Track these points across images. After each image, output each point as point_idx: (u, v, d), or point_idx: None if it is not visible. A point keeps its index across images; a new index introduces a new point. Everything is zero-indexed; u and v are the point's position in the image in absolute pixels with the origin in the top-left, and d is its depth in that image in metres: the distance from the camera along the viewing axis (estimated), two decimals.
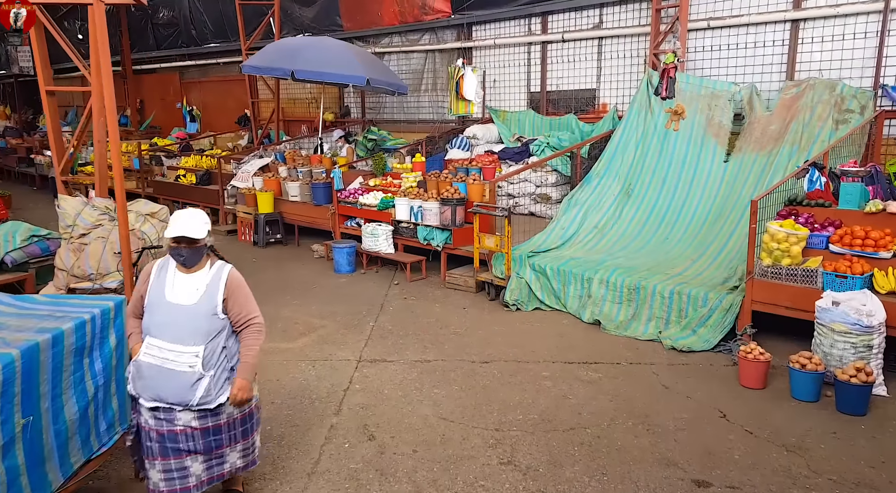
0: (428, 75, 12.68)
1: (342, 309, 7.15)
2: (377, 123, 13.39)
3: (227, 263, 3.45)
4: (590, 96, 10.46)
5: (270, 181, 10.70)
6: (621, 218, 8.14)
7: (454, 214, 8.04)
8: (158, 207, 7.07)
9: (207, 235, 3.28)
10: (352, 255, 8.73)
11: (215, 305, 3.23)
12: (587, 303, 6.78)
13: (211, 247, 3.37)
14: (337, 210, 9.62)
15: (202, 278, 3.29)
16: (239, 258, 9.61)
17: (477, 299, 7.48)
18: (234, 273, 3.38)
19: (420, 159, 9.66)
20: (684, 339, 5.95)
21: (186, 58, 18.45)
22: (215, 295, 3.24)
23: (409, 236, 8.62)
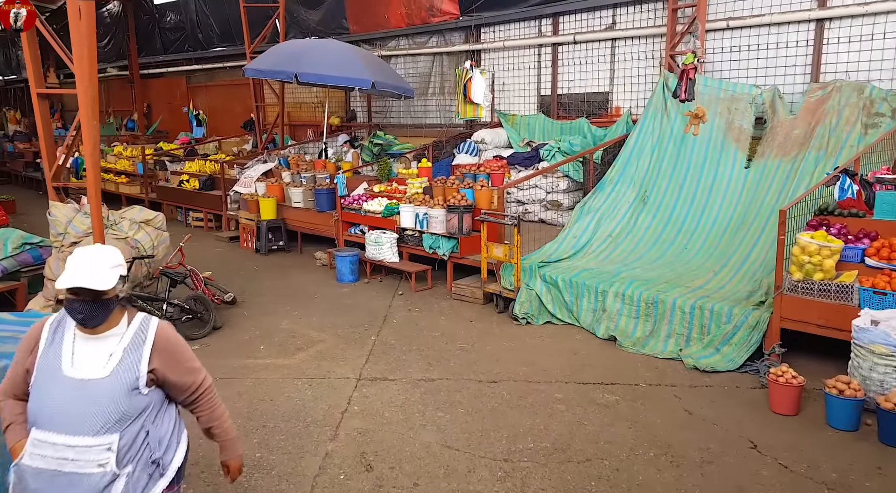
0: (435, 78, 12.36)
1: (343, 321, 6.82)
2: (383, 128, 13.10)
3: (154, 315, 2.64)
4: (602, 100, 10.09)
5: (273, 187, 10.40)
6: (637, 226, 7.77)
7: (461, 221, 7.69)
8: (154, 214, 6.79)
9: (120, 282, 2.33)
10: (355, 263, 8.41)
11: (136, 377, 2.32)
12: (602, 317, 6.41)
13: (128, 298, 2.43)
14: (340, 217, 9.30)
15: (116, 341, 2.35)
16: (240, 266, 9.32)
17: (484, 312, 7.12)
18: (165, 330, 2.45)
19: (426, 165, 9.33)
20: (707, 358, 5.56)
21: (193, 62, 18.29)
22: (137, 364, 2.33)
23: (415, 245, 8.28)
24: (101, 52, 21.83)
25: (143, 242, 6.42)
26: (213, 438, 2.69)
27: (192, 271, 6.97)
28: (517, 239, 6.74)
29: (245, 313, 7.12)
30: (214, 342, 6.22)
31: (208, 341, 6.23)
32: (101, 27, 21.60)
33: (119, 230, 6.32)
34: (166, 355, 2.40)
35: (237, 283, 8.38)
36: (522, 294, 6.78)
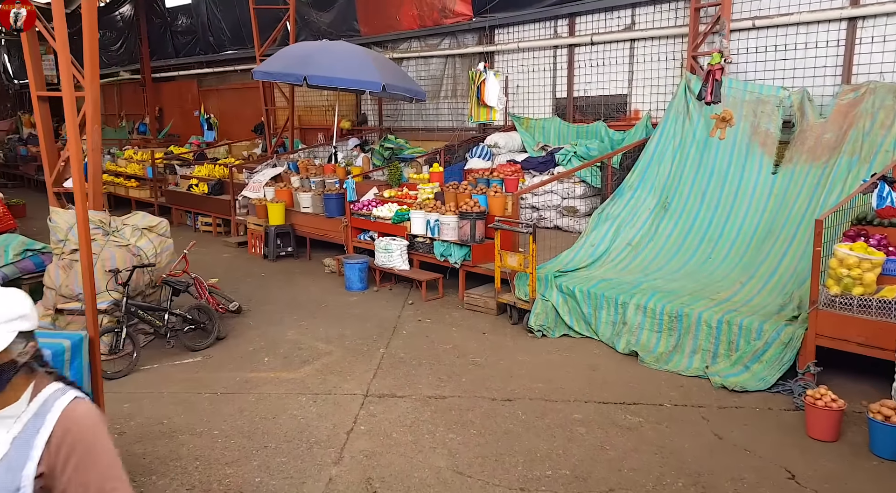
0: (448, 81, 12.11)
1: (351, 332, 6.55)
2: (395, 131, 12.85)
3: (72, 387, 1.72)
4: (621, 102, 9.77)
5: (282, 192, 10.19)
6: (657, 234, 7.44)
7: (473, 229, 7.41)
8: (157, 221, 6.57)
9: (19, 341, 1.64)
10: (364, 271, 8.15)
11: (17, 487, 1.57)
12: (622, 331, 6.09)
13: (33, 360, 1.69)
14: (350, 223, 9.06)
15: (9, 424, 1.63)
16: (248, 273, 9.10)
17: (498, 323, 6.82)
18: (78, 417, 1.64)
19: (437, 169, 9.07)
20: (735, 376, 5.22)
21: (204, 65, 18.19)
22: (21, 465, 1.58)
23: (425, 252, 8.01)
24: (114, 56, 21.85)
25: (146, 250, 6.20)
26: None
27: (196, 279, 6.75)
28: (532, 248, 6.44)
29: (250, 323, 6.88)
30: (217, 354, 5.98)
31: (211, 353, 6.00)
32: (113, 31, 21.63)
33: (121, 237, 6.11)
34: (69, 457, 1.57)
35: (244, 290, 8.15)
36: (538, 305, 6.48)
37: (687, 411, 4.79)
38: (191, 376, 5.46)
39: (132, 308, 5.48)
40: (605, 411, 4.78)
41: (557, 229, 9.06)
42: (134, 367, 5.47)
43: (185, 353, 5.95)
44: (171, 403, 4.92)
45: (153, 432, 4.47)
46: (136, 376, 5.45)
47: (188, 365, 5.69)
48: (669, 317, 5.81)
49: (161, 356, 5.88)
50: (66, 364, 2.94)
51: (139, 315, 5.55)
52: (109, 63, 22.08)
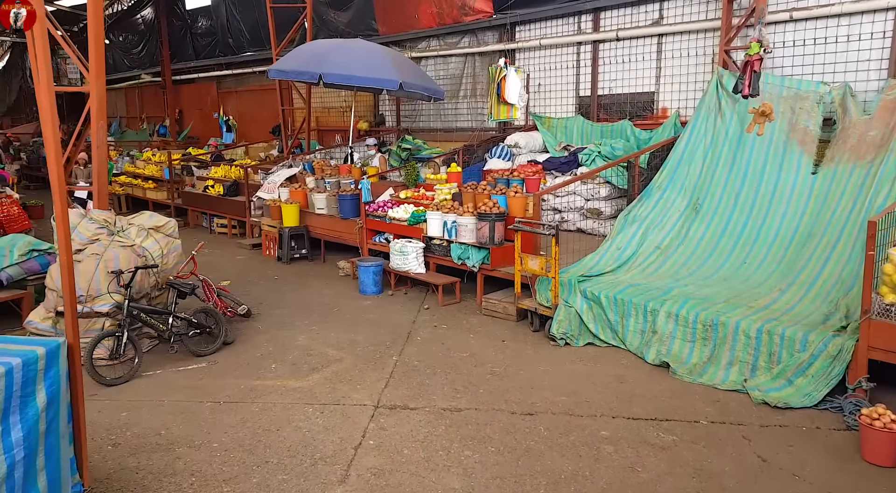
0: (467, 80, 11.80)
1: (364, 338, 6.25)
2: (412, 132, 12.57)
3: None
4: (647, 100, 9.37)
5: (297, 192, 9.95)
6: (688, 238, 7.02)
7: (493, 230, 7.07)
8: (165, 221, 6.34)
9: None
10: (378, 274, 7.84)
11: None
12: (651, 340, 5.69)
13: None
14: (365, 224, 8.77)
15: None
16: (261, 275, 8.86)
17: (518, 330, 6.46)
18: None
19: (455, 169, 8.75)
20: (777, 391, 4.80)
21: (224, 67, 18.13)
22: None
23: (442, 255, 7.69)
24: (136, 59, 21.97)
25: (152, 250, 5.97)
26: None
27: (204, 281, 6.50)
28: (555, 251, 6.08)
29: (260, 327, 6.61)
30: (223, 359, 5.71)
31: (217, 358, 5.73)
32: (135, 34, 21.75)
33: (125, 237, 5.89)
34: None
35: (255, 293, 7.91)
36: (561, 312, 6.11)
37: (725, 429, 4.38)
38: (194, 382, 5.19)
39: (134, 311, 5.24)
40: (635, 427, 4.40)
41: (581, 232, 8.69)
42: (135, 373, 5.22)
43: (189, 358, 5.69)
44: (170, 412, 4.65)
45: (149, 444, 4.20)
46: (137, 382, 5.20)
47: (192, 371, 5.43)
48: (704, 326, 5.40)
49: (165, 362, 5.63)
50: (39, 374, 2.67)
51: (141, 319, 5.30)
52: (131, 66, 22.23)
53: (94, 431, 4.35)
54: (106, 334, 5.09)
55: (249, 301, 7.43)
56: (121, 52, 22.69)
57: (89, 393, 4.93)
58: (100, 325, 5.44)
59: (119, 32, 22.46)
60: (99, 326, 5.44)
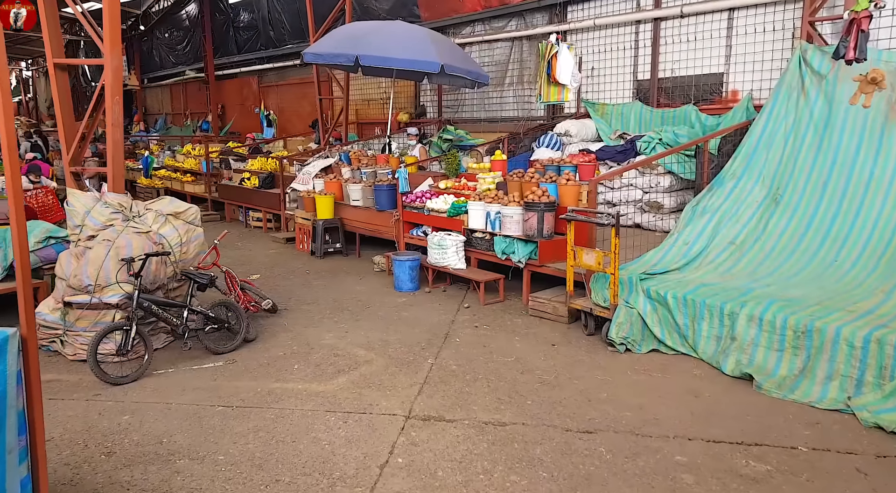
0: (514, 66, 11.10)
1: (397, 338, 5.63)
2: (455, 123, 11.93)
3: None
4: (715, 82, 8.48)
5: (331, 183, 9.44)
6: (767, 232, 6.15)
7: (541, 221, 6.35)
8: (185, 207, 5.87)
9: None
10: (415, 269, 7.22)
11: None
12: (729, 348, 4.88)
13: None
14: (402, 216, 8.17)
15: None
16: (292, 270, 8.36)
17: (570, 333, 5.73)
18: None
19: (500, 157, 8.05)
20: (891, 413, 3.94)
21: (265, 61, 17.91)
22: None
23: (485, 249, 7.01)
24: (181, 55, 22.05)
25: (170, 238, 5.50)
26: None
27: (227, 272, 6.00)
28: (614, 243, 5.32)
29: (285, 324, 6.07)
30: (242, 358, 5.18)
31: (235, 356, 5.20)
32: (180, 30, 21.83)
33: (141, 223, 5.43)
34: None
35: (284, 288, 7.40)
36: (621, 313, 5.35)
37: (832, 458, 3.56)
38: (207, 383, 4.66)
39: (145, 303, 4.75)
40: (717, 453, 3.63)
41: (637, 227, 7.88)
42: (145, 371, 4.73)
43: (206, 356, 5.18)
44: (176, 417, 4.12)
45: (147, 453, 3.66)
46: (146, 381, 4.70)
47: (207, 371, 4.91)
48: (795, 332, 4.56)
49: (179, 359, 5.13)
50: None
51: (153, 311, 4.81)
52: (176, 62, 22.34)
53: (89, 437, 3.85)
54: (112, 328, 4.62)
55: (277, 296, 6.93)
56: (166, 50, 22.86)
57: (92, 393, 4.47)
58: (110, 317, 4.98)
59: (165, 29, 22.63)
60: (109, 318, 4.98)
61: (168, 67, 22.80)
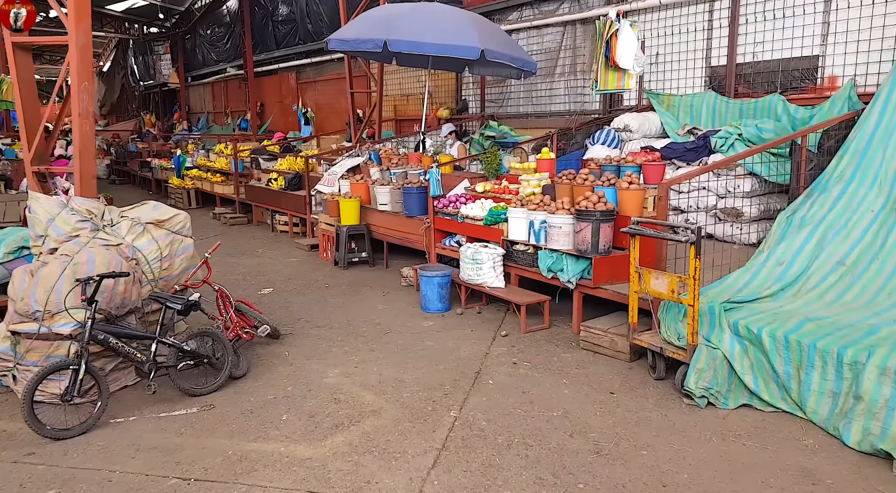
0: (565, 54, 9.90)
1: (416, 377, 4.59)
2: (499, 119, 10.82)
3: None
4: (808, 67, 7.09)
5: (358, 185, 8.50)
6: (886, 249, 4.81)
7: (596, 234, 5.20)
8: (171, 213, 4.99)
9: None
10: (445, 287, 6.17)
11: None
12: (853, 410, 3.62)
13: None
14: (433, 223, 7.14)
15: None
16: (309, 282, 7.45)
17: (632, 376, 4.56)
18: None
19: (547, 156, 6.91)
20: None
21: (303, 56, 17.24)
22: None
23: (527, 265, 5.90)
24: (222, 52, 21.68)
25: (146, 252, 4.62)
26: None
27: (220, 291, 5.09)
28: (695, 266, 4.13)
29: (286, 353, 5.12)
30: (223, 402, 4.24)
31: (216, 399, 4.27)
32: (220, 26, 21.46)
33: (113, 234, 4.56)
34: None
35: (296, 305, 6.48)
36: (701, 357, 4.14)
37: None
38: (169, 441, 3.73)
39: (100, 335, 3.85)
40: None
41: (711, 239, 6.61)
42: (96, 421, 3.84)
43: (181, 398, 4.27)
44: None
45: None
46: (95, 435, 3.80)
47: (176, 420, 3.99)
48: None
49: (147, 402, 4.24)
50: None
51: (110, 345, 3.91)
52: (217, 60, 22.00)
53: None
54: (54, 368, 3.72)
55: (287, 316, 6.01)
56: (208, 47, 22.56)
57: (25, 451, 3.59)
58: (64, 349, 4.12)
59: (206, 26, 22.33)
60: (63, 351, 4.11)
61: (210, 65, 22.51)
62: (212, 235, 10.80)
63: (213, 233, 11.03)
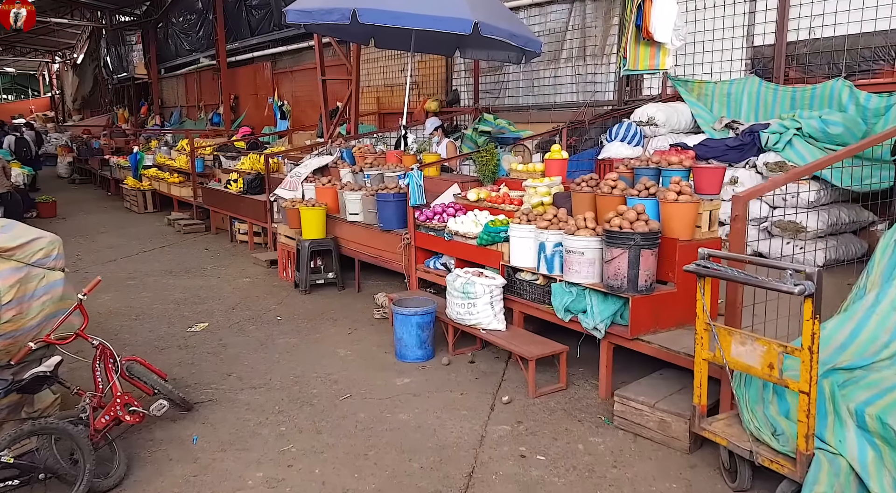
0: (573, 35, 8.44)
1: (376, 487, 3.09)
2: (495, 112, 9.33)
3: None
4: (882, 45, 5.65)
5: (324, 191, 6.97)
6: None
7: (636, 264, 3.72)
8: (28, 237, 3.48)
9: None
10: (426, 328, 4.67)
11: None
12: None
13: None
14: (413, 240, 5.64)
15: None
16: (258, 314, 5.92)
17: (696, 480, 3.08)
18: None
19: (558, 155, 5.41)
20: None
21: (279, 43, 15.67)
22: None
23: (535, 300, 4.42)
24: (194, 41, 20.03)
25: None
26: None
27: (101, 347, 3.54)
28: (811, 331, 2.64)
29: (194, 439, 3.60)
30: None
31: None
32: (192, 13, 19.80)
33: None
34: None
35: (233, 349, 4.97)
36: (821, 474, 2.66)
37: None
38: None
39: None
40: None
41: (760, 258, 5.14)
42: None
43: None
44: None
45: None
46: None
47: None
48: None
49: None
50: None
51: None
52: (191, 49, 20.33)
53: None
54: None
55: (216, 367, 4.51)
56: (181, 36, 20.89)
57: None
58: None
59: (178, 13, 20.66)
60: None
61: (183, 55, 20.84)
62: (156, 247, 9.25)
63: (159, 244, 9.48)
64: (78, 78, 31.91)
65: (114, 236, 10.09)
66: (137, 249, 9.12)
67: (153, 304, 6.29)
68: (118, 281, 7.25)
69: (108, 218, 12.02)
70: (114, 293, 6.73)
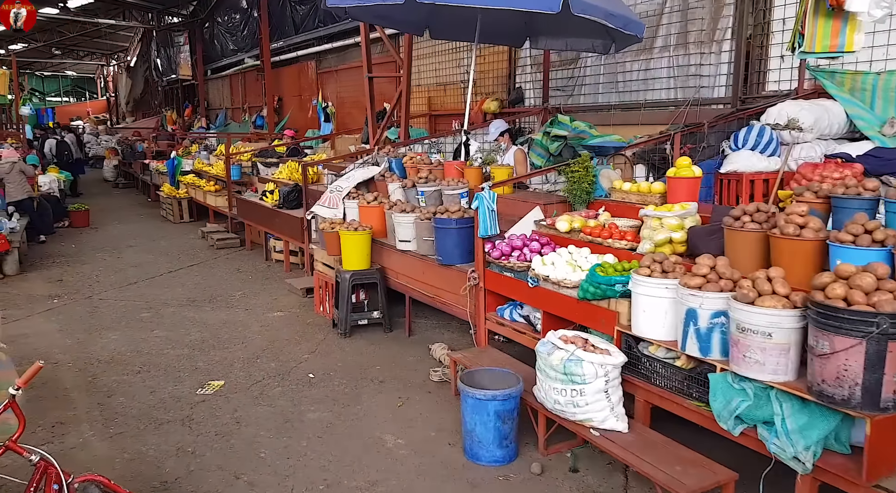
0: (670, 19, 6.93)
1: None
2: (567, 112, 7.87)
3: None
4: None
5: (369, 210, 5.70)
6: None
7: (879, 366, 2.25)
8: None
9: None
10: (508, 418, 3.30)
11: None
12: None
13: None
14: (483, 281, 4.29)
15: None
16: (286, 368, 4.67)
17: None
18: None
19: (688, 170, 3.96)
20: None
21: (324, 41, 14.62)
22: None
23: (674, 390, 2.99)
24: (239, 41, 19.24)
25: None
26: None
27: (40, 466, 2.34)
28: None
29: None
30: None
31: None
32: (236, 12, 19.03)
33: None
34: None
35: (248, 429, 3.73)
36: None
37: None
38: None
39: None
40: None
41: None
42: None
43: None
44: None
45: None
46: None
47: None
48: None
49: None
50: None
51: None
52: (236, 49, 19.57)
53: None
54: None
55: (226, 456, 3.30)
56: (227, 36, 20.18)
57: None
58: None
59: (224, 12, 19.95)
60: None
61: (229, 56, 20.12)
62: (184, 266, 8.18)
63: (188, 262, 8.42)
64: (130, 80, 31.96)
65: (141, 252, 9.13)
66: (163, 268, 8.09)
67: (164, 348, 5.14)
68: (131, 313, 6.17)
69: (141, 229, 11.13)
70: (122, 331, 5.64)
